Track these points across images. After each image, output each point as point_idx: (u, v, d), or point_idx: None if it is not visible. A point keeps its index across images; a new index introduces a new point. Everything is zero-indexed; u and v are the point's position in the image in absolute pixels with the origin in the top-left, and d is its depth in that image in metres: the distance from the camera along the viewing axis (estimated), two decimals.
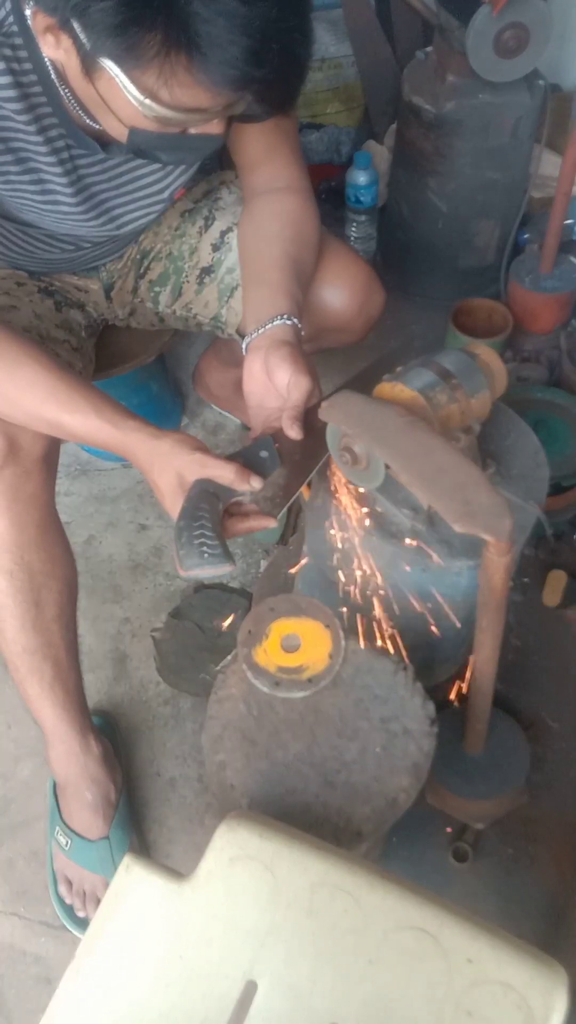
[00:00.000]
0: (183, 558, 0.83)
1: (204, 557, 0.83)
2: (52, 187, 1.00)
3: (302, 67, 0.82)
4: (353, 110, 2.09)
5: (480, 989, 0.61)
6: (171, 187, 1.10)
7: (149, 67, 0.76)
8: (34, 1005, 1.18)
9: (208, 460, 0.87)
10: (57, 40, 0.80)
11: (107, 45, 0.75)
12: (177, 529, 0.85)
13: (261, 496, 0.89)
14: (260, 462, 0.91)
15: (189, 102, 0.80)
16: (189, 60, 0.75)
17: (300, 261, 1.08)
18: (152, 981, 0.65)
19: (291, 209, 1.11)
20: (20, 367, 0.93)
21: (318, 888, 0.65)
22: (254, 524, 0.89)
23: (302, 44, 0.80)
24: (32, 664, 1.11)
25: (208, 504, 0.86)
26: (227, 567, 0.83)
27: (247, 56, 0.75)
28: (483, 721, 1.03)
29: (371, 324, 1.26)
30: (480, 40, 1.46)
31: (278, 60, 0.77)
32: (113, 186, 1.06)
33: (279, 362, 0.93)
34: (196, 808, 1.32)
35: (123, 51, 0.75)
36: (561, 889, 1.13)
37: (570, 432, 1.45)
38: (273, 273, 1.05)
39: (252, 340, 0.99)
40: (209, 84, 0.77)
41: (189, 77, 0.77)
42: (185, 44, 0.74)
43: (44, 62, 0.90)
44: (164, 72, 0.76)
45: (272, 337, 0.97)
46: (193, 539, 0.83)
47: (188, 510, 0.85)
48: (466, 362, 0.87)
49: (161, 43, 0.74)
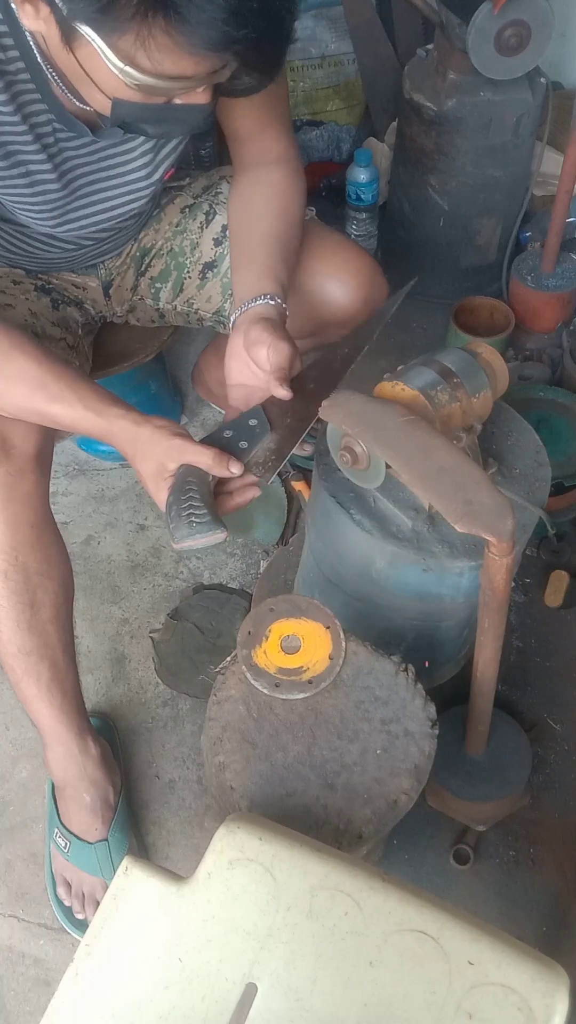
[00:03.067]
0: (173, 531, 0.85)
1: (193, 527, 0.84)
2: (39, 178, 0.99)
3: (286, 27, 0.80)
4: (354, 107, 2.09)
5: (481, 991, 0.61)
6: (160, 167, 1.08)
7: (126, 31, 0.75)
8: (33, 1007, 1.17)
9: (187, 446, 0.88)
10: (36, 9, 0.79)
11: (83, 9, 0.74)
12: (167, 505, 0.87)
13: (253, 462, 0.91)
14: (250, 430, 0.93)
15: (170, 68, 0.78)
16: (167, 22, 0.73)
17: (285, 237, 1.08)
18: (151, 983, 0.64)
19: (278, 182, 1.11)
20: (10, 360, 0.94)
21: (318, 890, 0.65)
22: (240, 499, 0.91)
23: (284, 2, 0.78)
24: (29, 665, 1.11)
25: (196, 478, 0.87)
26: (219, 534, 0.85)
27: (226, 16, 0.73)
28: (484, 723, 1.03)
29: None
30: (481, 37, 1.45)
31: (259, 19, 0.74)
32: (100, 168, 1.04)
33: (258, 334, 0.94)
34: (195, 810, 1.32)
35: (99, 14, 0.74)
36: (562, 891, 1.12)
37: (572, 431, 1.44)
38: (259, 253, 1.05)
39: (236, 319, 1.01)
40: (188, 47, 0.75)
41: (168, 40, 0.75)
42: (162, 5, 0.72)
43: (30, 46, 0.88)
44: (141, 35, 0.75)
45: (253, 315, 0.98)
46: (182, 511, 0.85)
47: (177, 485, 0.87)
48: (467, 361, 0.87)
49: (137, 5, 0.72)
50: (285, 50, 0.82)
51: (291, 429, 0.93)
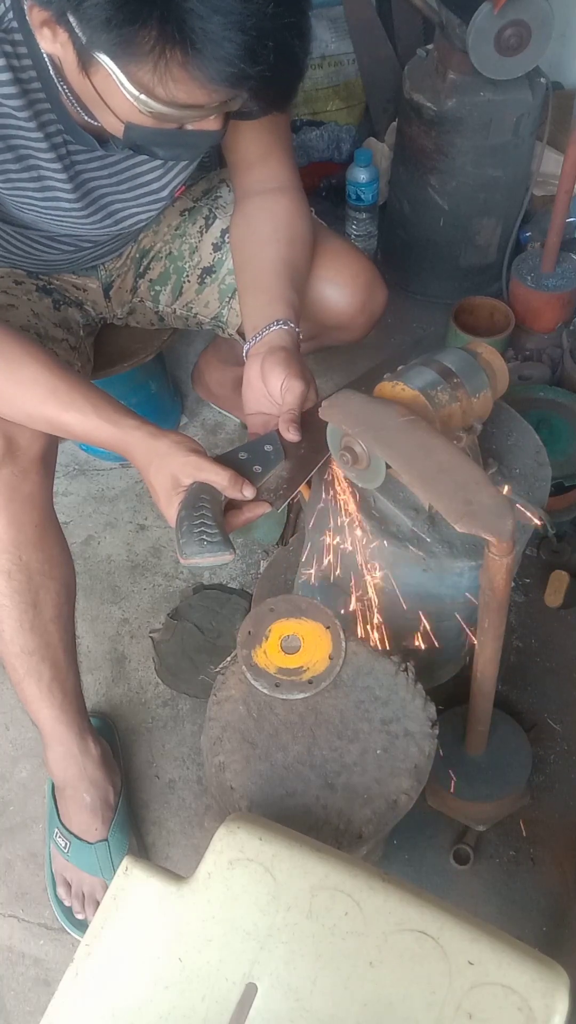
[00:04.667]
0: (183, 546, 0.85)
1: (203, 545, 0.84)
2: (51, 184, 1.00)
3: (299, 64, 0.82)
4: (354, 108, 2.09)
5: (481, 991, 0.61)
6: (171, 185, 1.10)
7: (144, 62, 0.76)
8: (33, 1007, 1.17)
9: (204, 464, 0.88)
10: (54, 34, 0.80)
11: (102, 39, 0.75)
12: (178, 519, 0.86)
13: (265, 488, 0.91)
14: (264, 456, 0.93)
15: (185, 98, 0.79)
16: (184, 56, 0.75)
17: (295, 263, 1.08)
18: (151, 983, 0.64)
19: (284, 210, 1.11)
20: (21, 367, 0.94)
21: (318, 890, 0.65)
22: (249, 515, 0.90)
23: (299, 41, 0.79)
24: (30, 665, 1.11)
25: (209, 495, 0.87)
26: (227, 555, 0.85)
27: (242, 53, 0.74)
28: (485, 723, 1.03)
29: (373, 322, 1.26)
30: (481, 37, 1.45)
31: (274, 57, 0.76)
32: (113, 183, 1.05)
33: (272, 367, 0.94)
34: (195, 810, 1.31)
35: (118, 46, 0.75)
36: (562, 891, 1.12)
37: (572, 431, 1.44)
38: (269, 278, 1.05)
39: (250, 347, 1.01)
40: (204, 80, 0.77)
41: (184, 73, 0.76)
42: (180, 40, 0.73)
43: (43, 59, 0.89)
44: (159, 68, 0.76)
45: (268, 343, 0.98)
46: (193, 528, 0.85)
47: (189, 500, 0.87)
48: (468, 361, 0.87)
49: (156, 38, 0.74)
50: (297, 85, 0.84)
51: (304, 460, 0.93)
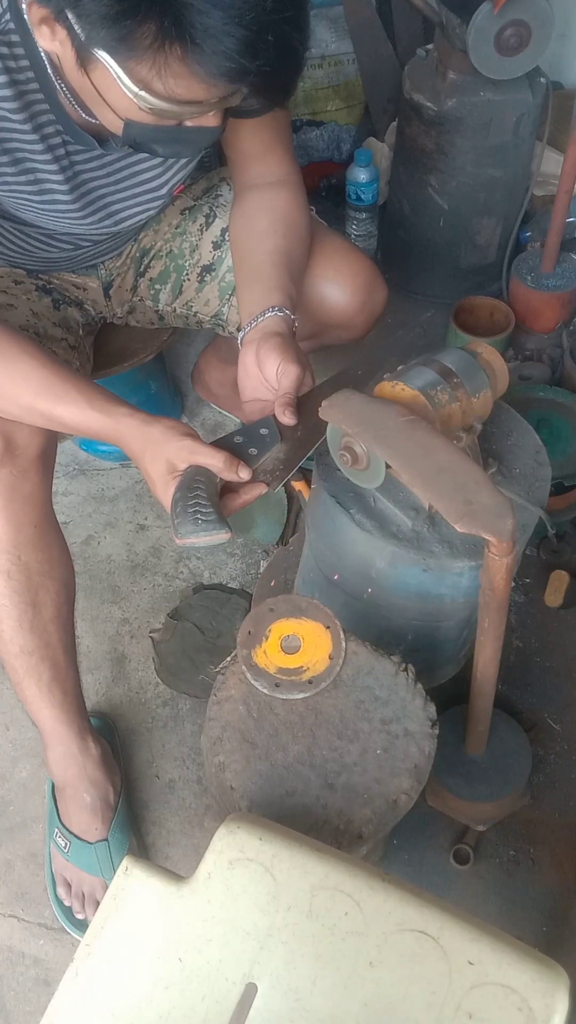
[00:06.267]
0: (178, 526, 0.85)
1: (198, 524, 0.84)
2: (48, 186, 1.00)
3: (298, 59, 0.82)
4: (354, 107, 2.09)
5: (481, 991, 0.61)
6: (170, 183, 1.10)
7: (143, 58, 0.76)
8: (33, 1007, 1.17)
9: (198, 447, 0.88)
10: (52, 32, 0.80)
11: (101, 36, 0.75)
12: (173, 500, 0.87)
13: (261, 469, 0.92)
14: (260, 438, 0.93)
15: (184, 94, 0.79)
16: (183, 51, 0.75)
17: (292, 255, 1.08)
18: (151, 983, 0.64)
19: (283, 204, 1.11)
20: (15, 362, 0.94)
21: (318, 890, 0.65)
22: (246, 497, 0.91)
23: (298, 35, 0.79)
24: (30, 665, 1.11)
25: (204, 477, 0.88)
26: (223, 534, 0.85)
27: (242, 48, 0.74)
28: (485, 723, 1.03)
29: (373, 321, 1.26)
30: (481, 37, 1.45)
31: (273, 52, 0.76)
32: (111, 182, 1.05)
33: (268, 352, 0.95)
34: (195, 810, 1.32)
35: (117, 42, 0.75)
36: (562, 891, 1.12)
37: (572, 431, 1.44)
38: (265, 268, 1.05)
39: (246, 334, 1.01)
40: (204, 75, 0.77)
41: (183, 68, 0.76)
42: (179, 35, 0.73)
43: (41, 58, 0.89)
44: (158, 63, 0.76)
45: (263, 329, 0.98)
46: (188, 507, 0.85)
47: (184, 482, 0.87)
48: (467, 361, 0.87)
49: (155, 34, 0.73)
50: (296, 80, 0.84)
51: (301, 441, 0.94)
